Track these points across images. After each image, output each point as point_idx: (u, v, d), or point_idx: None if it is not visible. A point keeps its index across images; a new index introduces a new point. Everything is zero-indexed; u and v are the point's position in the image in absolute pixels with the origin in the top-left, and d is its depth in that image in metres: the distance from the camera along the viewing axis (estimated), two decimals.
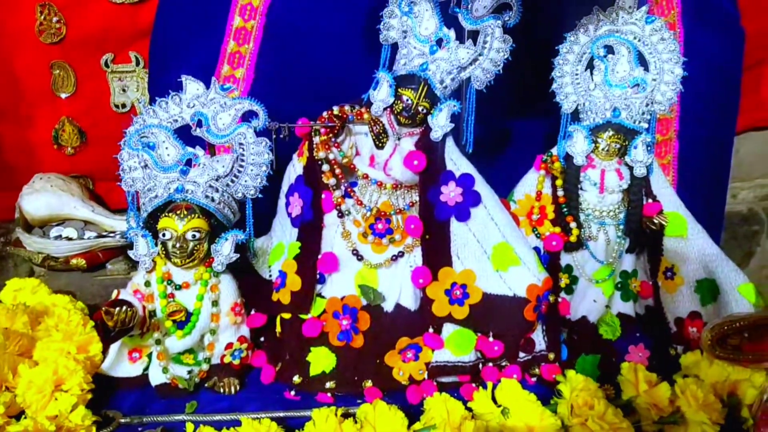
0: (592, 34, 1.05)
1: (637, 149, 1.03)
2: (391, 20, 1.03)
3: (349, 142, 1.05)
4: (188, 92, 1.04)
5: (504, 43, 1.02)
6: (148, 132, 1.00)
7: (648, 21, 1.03)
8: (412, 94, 1.01)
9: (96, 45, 1.35)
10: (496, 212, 1.03)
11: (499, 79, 1.05)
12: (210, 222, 0.98)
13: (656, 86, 1.03)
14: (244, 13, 1.29)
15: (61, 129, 1.39)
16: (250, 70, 1.31)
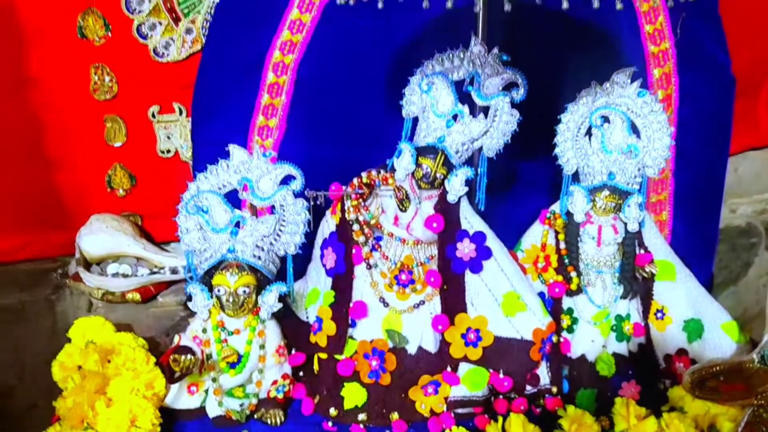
0: (590, 105, 1.18)
1: (630, 208, 1.17)
2: (413, 97, 1.17)
3: (376, 203, 1.20)
4: (234, 159, 1.18)
5: (512, 116, 1.15)
6: (201, 197, 1.15)
7: (640, 95, 1.16)
8: (431, 163, 1.15)
9: (144, 99, 1.50)
10: (506, 264, 1.17)
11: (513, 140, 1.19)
12: (257, 277, 1.14)
13: (647, 153, 1.16)
14: (276, 70, 1.43)
15: (113, 174, 1.54)
16: (283, 120, 1.45)
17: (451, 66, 1.16)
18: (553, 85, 1.23)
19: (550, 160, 1.22)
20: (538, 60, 1.21)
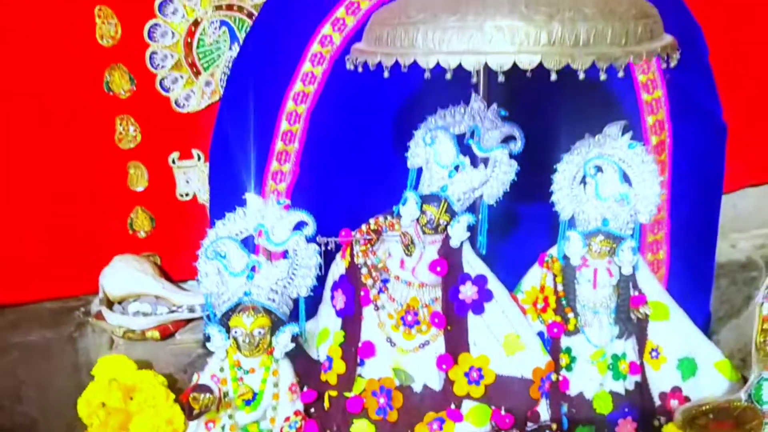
0: (584, 155, 1.25)
1: (624, 252, 1.23)
2: (417, 149, 1.26)
3: (383, 248, 1.27)
4: (250, 207, 1.26)
5: (510, 167, 1.23)
6: (220, 243, 1.23)
7: (630, 146, 1.24)
8: (434, 210, 1.23)
9: (165, 146, 1.59)
10: (506, 306, 1.24)
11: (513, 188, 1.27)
12: (271, 318, 1.21)
13: (638, 200, 1.23)
14: (290, 119, 1.52)
15: (135, 216, 1.63)
16: (296, 165, 1.54)
17: (453, 121, 1.25)
18: (551, 137, 1.31)
19: (549, 207, 1.30)
20: (535, 113, 1.29)
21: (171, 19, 1.46)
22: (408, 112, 1.37)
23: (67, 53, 1.44)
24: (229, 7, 1.50)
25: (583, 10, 0.87)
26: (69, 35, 1.43)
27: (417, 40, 0.89)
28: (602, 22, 0.86)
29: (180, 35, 1.48)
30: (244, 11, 1.51)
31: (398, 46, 0.93)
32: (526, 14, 0.86)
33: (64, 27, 1.42)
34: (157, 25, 1.46)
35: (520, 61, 0.87)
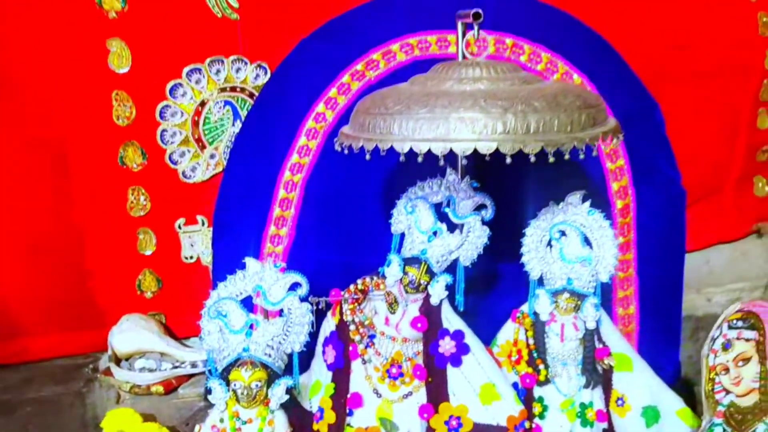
0: (549, 221, 1.40)
1: (587, 308, 1.37)
2: (400, 217, 1.41)
3: (369, 306, 1.40)
4: (250, 270, 1.40)
5: (483, 232, 1.37)
6: (221, 303, 1.36)
7: (590, 213, 1.38)
8: (416, 271, 1.37)
9: (172, 213, 1.74)
10: (482, 358, 1.36)
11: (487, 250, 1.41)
12: (268, 372, 1.32)
13: (598, 261, 1.37)
14: (287, 187, 1.67)
15: (143, 278, 1.76)
16: (292, 230, 1.68)
17: (431, 191, 1.40)
18: (520, 204, 1.46)
19: (519, 267, 1.43)
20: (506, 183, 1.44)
21: (180, 100, 1.63)
22: (392, 183, 1.52)
23: (85, 132, 1.60)
24: (233, 89, 1.67)
25: (534, 104, 1.02)
26: (88, 117, 1.59)
27: (393, 128, 1.05)
28: (550, 113, 1.02)
29: (188, 114, 1.65)
30: (246, 92, 1.68)
31: (378, 132, 1.08)
32: (485, 107, 1.02)
33: (84, 109, 1.59)
34: (168, 106, 1.63)
35: (480, 148, 1.02)
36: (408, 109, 1.05)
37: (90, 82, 1.55)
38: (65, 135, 1.59)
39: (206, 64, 1.61)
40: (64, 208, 1.65)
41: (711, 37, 1.88)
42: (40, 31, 1.51)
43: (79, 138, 1.60)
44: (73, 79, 1.56)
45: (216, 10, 1.58)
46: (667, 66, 1.83)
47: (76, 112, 1.58)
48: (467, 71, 1.13)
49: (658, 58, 1.80)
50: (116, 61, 1.55)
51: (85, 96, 1.57)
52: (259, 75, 1.66)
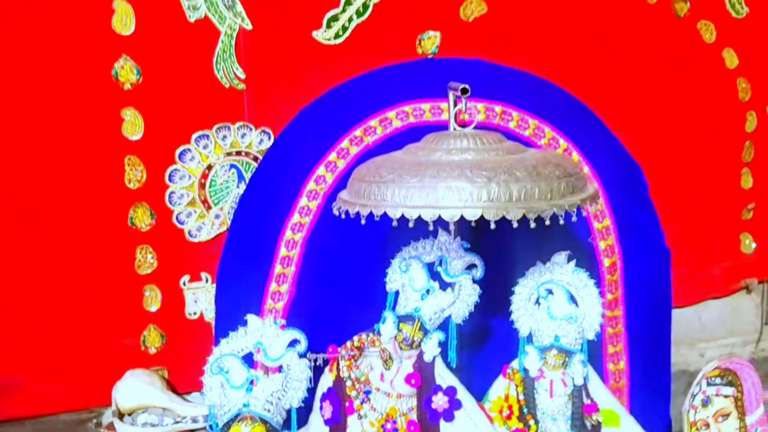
0: (537, 279, 1.47)
1: (575, 365, 1.42)
2: (394, 275, 1.48)
3: (365, 362, 1.46)
4: (251, 326, 1.46)
5: (474, 290, 1.44)
6: (223, 360, 1.41)
7: (575, 272, 1.45)
8: (410, 329, 1.43)
9: (178, 270, 1.81)
10: (474, 414, 1.41)
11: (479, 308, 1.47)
12: (267, 427, 1.37)
13: (584, 319, 1.43)
14: (288, 246, 1.75)
15: (147, 335, 1.81)
16: (293, 286, 1.75)
17: (424, 251, 1.48)
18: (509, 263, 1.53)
19: (509, 324, 1.50)
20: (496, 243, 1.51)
21: (189, 164, 1.72)
22: (387, 243, 1.59)
23: (98, 196, 1.69)
24: (238, 153, 1.76)
25: (516, 173, 1.11)
26: (101, 181, 1.68)
27: (386, 195, 1.13)
28: (530, 182, 1.11)
29: (195, 177, 1.74)
30: (251, 155, 1.77)
31: (372, 199, 1.16)
32: (470, 177, 1.10)
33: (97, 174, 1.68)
34: (177, 169, 1.72)
35: (466, 214, 1.10)
36: (400, 178, 1.13)
37: (104, 148, 1.65)
38: (78, 198, 1.67)
39: (214, 130, 1.71)
40: (72, 266, 1.72)
41: (692, 102, 1.99)
42: (57, 100, 1.62)
43: (91, 201, 1.69)
44: (87, 145, 1.65)
45: (224, 81, 1.70)
46: (650, 130, 1.93)
47: (90, 177, 1.67)
48: (456, 142, 1.22)
49: (641, 122, 1.91)
50: (130, 129, 1.65)
51: (98, 161, 1.66)
52: (263, 140, 1.76)
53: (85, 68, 1.60)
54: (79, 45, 1.58)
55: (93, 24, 1.57)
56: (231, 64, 1.69)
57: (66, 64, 1.59)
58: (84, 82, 1.61)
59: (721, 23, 1.98)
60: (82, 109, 1.63)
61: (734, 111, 2.05)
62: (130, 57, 1.61)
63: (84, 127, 1.64)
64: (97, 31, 1.58)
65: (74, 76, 1.60)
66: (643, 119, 1.91)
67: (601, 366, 1.75)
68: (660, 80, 1.94)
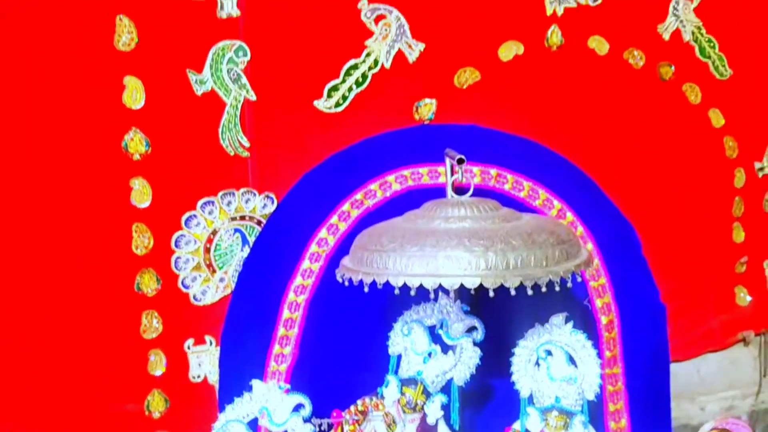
0: (536, 341, 1.50)
1: (576, 426, 1.44)
2: (396, 339, 1.51)
3: (369, 427, 1.48)
4: (256, 392, 1.48)
5: (474, 353, 1.47)
6: (229, 426, 1.43)
7: (572, 333, 1.49)
8: (412, 392, 1.45)
9: (182, 334, 1.83)
10: None
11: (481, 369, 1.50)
12: None
13: (583, 380, 1.46)
14: (291, 308, 1.78)
15: (152, 399, 1.83)
16: (296, 348, 1.77)
17: (425, 315, 1.51)
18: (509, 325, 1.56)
19: (510, 385, 1.52)
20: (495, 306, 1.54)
21: (194, 230, 1.77)
22: (389, 306, 1.63)
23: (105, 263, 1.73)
24: (242, 217, 1.81)
25: (512, 242, 1.16)
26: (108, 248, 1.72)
27: (388, 264, 1.18)
28: (526, 250, 1.16)
29: (201, 242, 1.78)
30: (255, 220, 1.82)
31: (374, 267, 1.21)
32: (469, 247, 1.15)
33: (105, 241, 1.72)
34: (183, 235, 1.77)
35: (465, 282, 1.14)
36: (401, 247, 1.18)
37: (112, 216, 1.70)
38: (86, 265, 1.71)
39: (219, 196, 1.77)
40: (79, 331, 1.74)
41: (682, 161, 2.06)
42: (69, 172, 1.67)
43: (99, 267, 1.72)
44: (96, 213, 1.70)
45: (229, 149, 1.76)
46: (642, 189, 1.99)
47: (98, 244, 1.71)
48: (453, 210, 1.28)
49: (632, 182, 1.97)
50: (138, 198, 1.71)
51: (106, 229, 1.70)
52: (267, 204, 1.82)
53: (96, 140, 1.66)
54: (91, 119, 1.65)
55: (105, 99, 1.65)
56: (236, 134, 1.76)
57: (78, 137, 1.65)
58: (95, 154, 1.67)
59: (706, 85, 2.06)
60: (92, 179, 1.68)
61: (723, 168, 2.11)
62: (139, 129, 1.68)
63: (93, 196, 1.69)
64: (108, 105, 1.65)
65: (85, 148, 1.67)
66: (634, 179, 1.97)
67: (602, 425, 1.76)
68: (649, 141, 2.01)
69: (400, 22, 1.80)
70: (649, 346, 1.82)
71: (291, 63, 1.77)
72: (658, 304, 1.83)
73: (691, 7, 2.00)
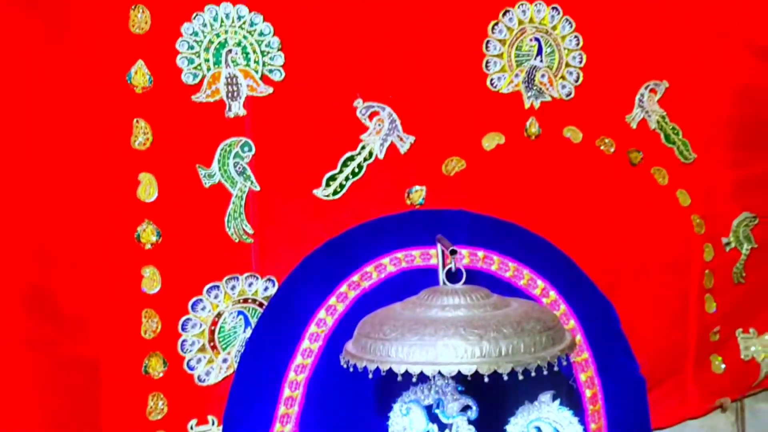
0: (526, 417, 1.60)
1: None
2: (395, 419, 1.60)
3: None
4: None
5: (469, 430, 1.57)
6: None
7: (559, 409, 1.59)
8: None
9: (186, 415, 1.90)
10: None
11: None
12: None
13: None
14: (291, 386, 1.86)
15: None
16: (296, 427, 1.85)
17: (422, 395, 1.61)
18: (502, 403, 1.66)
19: None
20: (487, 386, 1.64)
21: (200, 314, 1.87)
22: (387, 387, 1.73)
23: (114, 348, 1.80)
24: (245, 300, 1.92)
25: (503, 331, 1.28)
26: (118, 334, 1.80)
27: (390, 353, 1.29)
28: (516, 338, 1.28)
29: (206, 325, 1.88)
30: (257, 302, 1.93)
31: (377, 355, 1.32)
32: (464, 335, 1.27)
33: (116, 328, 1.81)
34: (189, 319, 1.86)
35: (463, 370, 1.26)
36: (402, 336, 1.30)
37: (123, 303, 1.79)
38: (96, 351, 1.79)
39: (224, 281, 1.88)
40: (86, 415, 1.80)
41: (653, 239, 2.21)
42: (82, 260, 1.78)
43: (108, 353, 1.80)
44: (107, 301, 1.80)
45: (234, 236, 1.88)
46: (617, 267, 2.13)
47: (107, 330, 1.79)
48: (448, 299, 1.40)
49: (608, 261, 2.11)
50: (148, 284, 1.81)
51: (117, 316, 1.80)
52: (268, 287, 1.93)
53: (111, 232, 1.78)
54: (107, 212, 1.77)
55: (120, 193, 1.77)
56: (241, 222, 1.88)
57: (94, 229, 1.76)
58: (109, 244, 1.78)
59: (673, 168, 2.24)
60: (105, 269, 1.79)
61: (692, 244, 2.26)
62: (152, 221, 1.79)
63: (106, 284, 1.79)
64: (123, 199, 1.77)
65: (101, 239, 1.78)
66: (610, 257, 2.12)
67: None
68: (623, 221, 2.16)
69: (393, 118, 1.97)
70: (632, 417, 1.92)
71: (292, 156, 1.92)
72: (638, 376, 1.94)
73: (655, 99, 2.20)
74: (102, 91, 1.74)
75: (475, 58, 2.02)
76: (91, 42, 1.73)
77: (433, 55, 1.99)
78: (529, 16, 2.05)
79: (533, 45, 2.06)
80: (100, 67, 1.74)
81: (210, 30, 1.82)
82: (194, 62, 1.81)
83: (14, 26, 1.67)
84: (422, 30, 1.99)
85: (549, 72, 2.07)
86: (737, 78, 2.22)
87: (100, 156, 1.75)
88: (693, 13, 2.17)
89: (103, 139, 1.75)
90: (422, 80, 1.98)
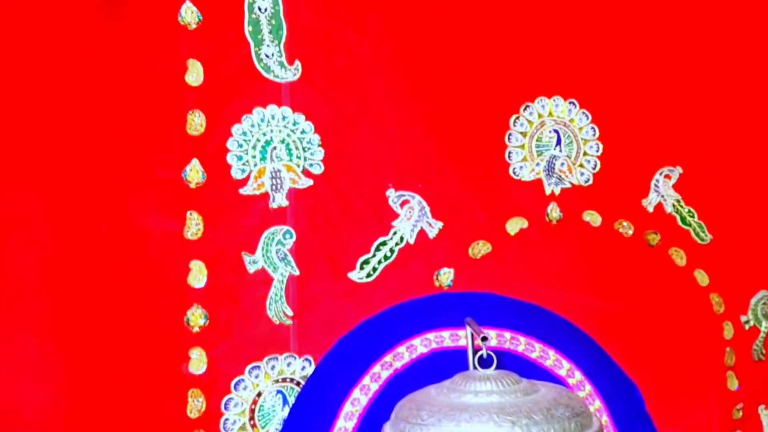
0: None
1: None
2: None
3: None
4: None
5: None
6: None
7: None
8: None
9: None
10: None
11: None
12: None
13: None
14: None
15: None
16: None
17: None
18: None
19: None
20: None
21: (242, 393, 1.97)
22: None
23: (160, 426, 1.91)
24: (284, 379, 2.02)
25: (534, 417, 1.37)
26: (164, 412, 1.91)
27: None
28: (547, 425, 1.36)
29: (247, 404, 1.98)
30: (294, 381, 2.02)
31: None
32: (498, 422, 1.36)
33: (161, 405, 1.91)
34: (231, 398, 1.96)
35: None
36: (439, 422, 1.39)
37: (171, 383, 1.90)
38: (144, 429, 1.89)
39: (264, 361, 1.98)
40: None
41: (673, 319, 2.27)
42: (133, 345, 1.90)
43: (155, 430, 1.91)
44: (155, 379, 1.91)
45: (275, 318, 2.00)
46: (640, 348, 2.19)
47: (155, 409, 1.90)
48: (481, 385, 1.49)
49: (631, 342, 2.18)
50: (195, 366, 1.92)
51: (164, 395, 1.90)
52: (305, 366, 2.03)
53: (163, 316, 1.90)
54: (160, 298, 1.90)
55: (172, 280, 1.91)
56: (281, 305, 2.01)
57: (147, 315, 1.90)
58: (159, 328, 1.91)
59: (690, 249, 2.32)
60: (155, 351, 1.91)
61: (712, 322, 2.33)
62: (200, 305, 1.92)
63: (155, 364, 1.91)
64: (175, 286, 1.91)
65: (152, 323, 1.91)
66: (632, 338, 2.19)
67: None
68: (643, 301, 2.24)
69: (422, 206, 2.11)
70: None
71: (329, 242, 2.05)
72: None
73: (669, 183, 2.31)
74: (159, 188, 1.91)
75: (498, 149, 2.17)
76: (152, 142, 1.91)
77: (459, 147, 2.15)
78: (548, 110, 2.21)
79: (552, 136, 2.21)
80: (156, 164, 1.91)
81: (258, 129, 2.00)
82: (242, 159, 1.98)
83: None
84: (448, 124, 2.15)
85: (568, 160, 2.21)
86: (749, 162, 2.33)
87: (155, 246, 1.90)
88: (703, 104, 2.31)
89: (161, 231, 1.90)
90: (449, 170, 2.13)
